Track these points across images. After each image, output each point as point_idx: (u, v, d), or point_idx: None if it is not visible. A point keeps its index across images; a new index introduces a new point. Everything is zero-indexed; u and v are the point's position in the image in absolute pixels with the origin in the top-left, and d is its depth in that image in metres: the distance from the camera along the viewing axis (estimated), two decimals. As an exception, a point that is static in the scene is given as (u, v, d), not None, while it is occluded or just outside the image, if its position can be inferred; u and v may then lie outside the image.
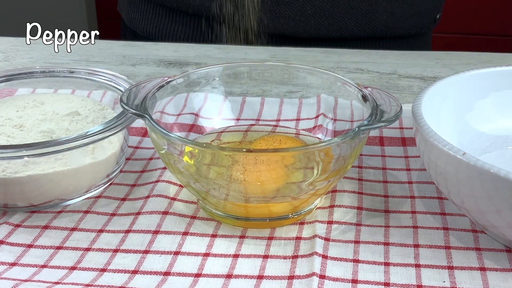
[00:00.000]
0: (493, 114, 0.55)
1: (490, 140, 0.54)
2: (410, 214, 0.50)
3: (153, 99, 0.50)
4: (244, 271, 0.44)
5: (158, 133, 0.46)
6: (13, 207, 0.50)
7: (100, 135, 0.49)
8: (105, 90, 0.60)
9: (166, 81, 0.52)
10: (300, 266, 0.44)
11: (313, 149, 0.45)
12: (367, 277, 0.43)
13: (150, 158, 0.57)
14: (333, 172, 0.46)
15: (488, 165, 0.41)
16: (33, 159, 0.48)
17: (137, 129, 0.61)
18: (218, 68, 0.56)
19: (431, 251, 0.46)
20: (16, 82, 0.59)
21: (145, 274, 0.44)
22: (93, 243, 0.47)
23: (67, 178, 0.49)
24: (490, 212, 0.43)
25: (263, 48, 0.79)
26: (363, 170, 0.55)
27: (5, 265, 0.45)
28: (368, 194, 0.52)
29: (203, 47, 0.82)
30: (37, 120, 0.53)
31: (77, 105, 0.56)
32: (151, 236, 0.47)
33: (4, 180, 0.48)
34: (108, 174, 0.53)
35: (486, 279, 0.43)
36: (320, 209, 0.50)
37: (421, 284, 0.43)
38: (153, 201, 0.51)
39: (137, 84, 0.51)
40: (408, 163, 0.56)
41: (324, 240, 0.47)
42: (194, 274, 0.44)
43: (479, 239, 0.47)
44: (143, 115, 0.47)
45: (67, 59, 0.79)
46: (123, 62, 0.78)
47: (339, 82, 0.53)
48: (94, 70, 0.59)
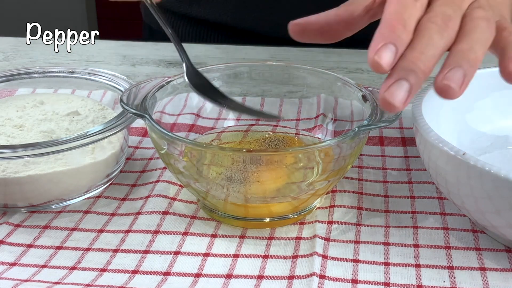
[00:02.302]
0: (493, 114, 0.55)
1: (490, 140, 0.54)
2: (410, 214, 0.50)
3: (153, 99, 0.50)
4: (244, 271, 0.44)
5: (158, 133, 0.46)
6: (13, 207, 0.50)
7: (100, 135, 0.49)
8: (105, 90, 0.60)
9: (166, 81, 0.52)
10: (300, 266, 0.44)
11: (313, 149, 0.45)
12: (367, 277, 0.43)
13: (150, 158, 0.57)
14: (333, 172, 0.46)
15: (488, 165, 0.41)
16: (33, 159, 0.48)
17: (137, 129, 0.61)
18: (218, 68, 0.56)
19: (431, 251, 0.46)
20: (16, 82, 0.59)
21: (145, 274, 0.44)
22: (93, 243, 0.47)
23: (67, 178, 0.49)
24: (490, 212, 0.43)
25: (263, 48, 0.79)
26: (363, 170, 0.55)
27: (5, 265, 0.45)
28: (368, 194, 0.52)
29: (203, 47, 0.82)
30: (37, 120, 0.53)
31: (77, 105, 0.56)
32: (151, 236, 0.47)
33: (4, 180, 0.48)
34: (108, 174, 0.53)
35: (486, 279, 0.43)
36: (320, 209, 0.50)
37: (421, 284, 0.43)
38: (153, 201, 0.51)
39: (137, 84, 0.51)
40: (408, 163, 0.56)
41: (324, 240, 0.47)
42: (194, 274, 0.44)
43: (479, 239, 0.47)
44: (143, 115, 0.47)
45: (67, 59, 0.79)
46: (123, 62, 0.78)
47: (339, 82, 0.53)
48: (94, 70, 0.59)
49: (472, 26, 0.42)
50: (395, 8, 0.42)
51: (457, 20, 0.43)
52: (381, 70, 0.40)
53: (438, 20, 0.42)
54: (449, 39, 0.42)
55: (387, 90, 0.39)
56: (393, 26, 0.41)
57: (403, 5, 0.42)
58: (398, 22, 0.41)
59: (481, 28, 0.42)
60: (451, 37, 0.42)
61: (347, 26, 0.51)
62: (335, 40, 0.52)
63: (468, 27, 0.43)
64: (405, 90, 0.39)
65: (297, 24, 0.51)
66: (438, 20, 0.42)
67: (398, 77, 0.39)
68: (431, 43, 0.41)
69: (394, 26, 0.41)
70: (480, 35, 0.42)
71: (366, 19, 0.51)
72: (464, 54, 0.41)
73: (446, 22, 0.42)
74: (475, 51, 0.41)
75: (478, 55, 0.41)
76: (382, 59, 0.39)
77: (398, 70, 0.40)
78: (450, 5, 0.43)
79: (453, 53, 0.42)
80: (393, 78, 0.40)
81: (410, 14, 0.42)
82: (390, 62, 0.40)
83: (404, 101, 0.39)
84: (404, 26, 0.41)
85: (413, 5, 0.43)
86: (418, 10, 0.43)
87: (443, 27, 0.42)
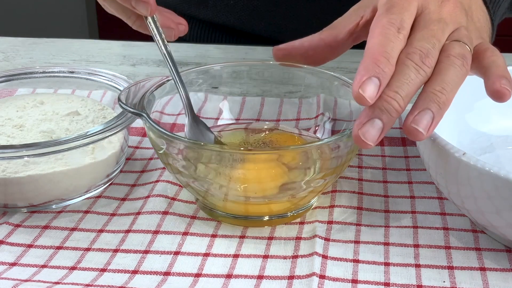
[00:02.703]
0: (493, 114, 0.55)
1: (490, 140, 0.54)
2: (410, 214, 0.50)
3: (152, 98, 0.50)
4: (244, 271, 0.44)
5: (156, 132, 0.46)
6: (13, 207, 0.50)
7: (100, 135, 0.49)
8: (105, 90, 0.60)
9: (165, 80, 0.52)
10: (300, 266, 0.44)
11: (310, 147, 0.45)
12: (367, 277, 0.43)
13: (150, 158, 0.57)
14: (330, 170, 0.46)
15: (488, 165, 0.41)
16: (33, 159, 0.48)
17: (137, 129, 0.61)
18: (218, 68, 0.56)
19: (431, 251, 0.46)
20: (16, 82, 0.59)
21: (145, 274, 0.44)
22: (93, 243, 0.47)
23: (67, 178, 0.49)
24: (490, 212, 0.43)
25: (263, 48, 0.79)
26: (363, 170, 0.55)
27: (5, 265, 0.45)
28: (368, 194, 0.52)
29: (203, 47, 0.82)
30: (37, 120, 0.53)
31: (77, 105, 0.56)
32: (151, 236, 0.47)
33: (4, 180, 0.48)
34: (108, 174, 0.53)
35: (486, 279, 0.43)
36: (320, 209, 0.50)
37: (421, 284, 0.43)
38: (153, 201, 0.51)
39: (135, 83, 0.51)
40: (408, 163, 0.56)
41: (324, 240, 0.47)
42: (194, 274, 0.44)
43: (479, 239, 0.47)
44: (141, 113, 0.47)
45: (67, 59, 0.79)
46: (123, 62, 0.78)
47: (338, 82, 0.53)
48: (94, 70, 0.59)
49: (447, 64, 0.44)
50: (378, 40, 0.43)
51: (435, 55, 0.44)
52: (365, 103, 0.41)
53: (416, 57, 0.43)
54: (426, 76, 0.43)
55: (360, 128, 0.41)
56: (377, 60, 0.42)
57: (386, 37, 0.43)
58: (381, 55, 0.42)
59: (455, 68, 0.44)
60: (428, 74, 0.43)
61: (331, 50, 0.52)
62: (319, 64, 0.54)
63: (443, 65, 0.44)
64: (378, 129, 0.41)
65: (281, 49, 0.53)
66: (415, 57, 0.43)
67: (372, 116, 0.41)
68: (406, 82, 0.42)
69: (378, 59, 0.42)
70: (453, 76, 0.43)
71: (349, 42, 0.53)
72: (434, 96, 0.42)
73: (423, 59, 0.43)
74: (446, 92, 0.43)
75: (449, 97, 0.43)
76: (366, 92, 0.41)
77: (373, 109, 0.42)
78: (429, 39, 0.44)
79: (424, 94, 0.43)
80: (366, 117, 0.41)
81: (393, 46, 0.43)
82: (374, 95, 0.41)
83: (375, 140, 0.41)
84: (388, 59, 0.42)
85: (396, 37, 0.44)
86: (401, 41, 0.44)
87: (420, 64, 0.43)
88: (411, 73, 0.42)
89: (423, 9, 0.46)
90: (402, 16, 0.45)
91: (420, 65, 0.43)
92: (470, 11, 0.50)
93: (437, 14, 0.46)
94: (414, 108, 0.42)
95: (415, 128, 0.42)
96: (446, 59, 0.44)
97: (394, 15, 0.44)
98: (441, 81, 0.43)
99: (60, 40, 0.84)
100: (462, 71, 0.44)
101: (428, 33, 0.44)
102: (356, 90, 0.41)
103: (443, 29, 0.45)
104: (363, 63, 0.42)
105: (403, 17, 0.45)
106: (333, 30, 0.52)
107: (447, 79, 0.43)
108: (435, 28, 0.45)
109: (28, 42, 0.84)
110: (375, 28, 0.44)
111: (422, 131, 0.42)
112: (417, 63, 0.43)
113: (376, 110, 0.41)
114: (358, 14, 0.52)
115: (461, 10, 0.48)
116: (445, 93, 0.42)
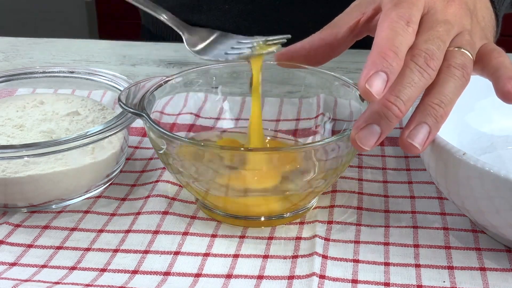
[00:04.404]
0: (493, 114, 0.55)
1: (490, 140, 0.54)
2: (410, 214, 0.50)
3: (152, 98, 0.50)
4: (244, 271, 0.44)
5: (156, 132, 0.46)
6: (13, 207, 0.50)
7: (100, 135, 0.49)
8: (105, 90, 0.60)
9: (165, 80, 0.52)
10: (300, 266, 0.44)
11: (311, 148, 0.45)
12: (367, 277, 0.43)
13: (150, 158, 0.57)
14: (330, 170, 0.46)
15: (488, 165, 0.41)
16: (33, 159, 0.48)
17: (137, 129, 0.61)
18: (218, 68, 0.56)
19: (431, 251, 0.46)
20: (16, 82, 0.59)
21: (145, 274, 0.44)
22: (93, 243, 0.47)
23: (67, 178, 0.49)
24: (490, 212, 0.43)
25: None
26: (363, 170, 0.55)
27: (5, 265, 0.45)
28: (368, 194, 0.52)
29: (203, 47, 0.82)
30: (37, 120, 0.53)
31: (77, 105, 0.56)
32: (151, 236, 0.47)
33: (4, 180, 0.48)
34: (108, 174, 0.53)
35: (486, 279, 0.43)
36: (320, 209, 0.50)
37: (421, 284, 0.43)
38: (153, 201, 0.51)
39: (135, 83, 0.51)
40: (408, 163, 0.56)
41: (324, 240, 0.47)
42: (194, 274, 0.44)
43: (479, 239, 0.47)
44: (141, 113, 0.47)
45: (67, 59, 0.79)
46: (123, 62, 0.78)
47: (338, 82, 0.53)
48: (94, 70, 0.59)
49: (447, 75, 0.43)
50: (386, 34, 0.43)
51: (440, 58, 0.44)
52: (372, 98, 0.41)
53: (420, 60, 0.43)
54: (430, 79, 0.43)
55: (357, 133, 0.41)
56: (385, 54, 0.41)
57: (395, 31, 0.43)
58: (389, 49, 0.42)
59: (455, 79, 0.43)
60: (432, 77, 0.43)
61: (333, 49, 0.52)
62: (321, 64, 0.53)
63: (442, 75, 0.44)
64: (375, 135, 0.41)
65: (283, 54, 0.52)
66: (420, 60, 0.43)
67: (370, 121, 0.41)
68: (409, 85, 0.42)
69: (386, 53, 0.41)
70: (452, 88, 0.43)
71: (350, 39, 0.52)
72: (432, 109, 0.42)
73: (428, 61, 0.43)
74: (444, 106, 0.43)
75: (446, 110, 0.43)
76: (373, 87, 0.40)
77: (372, 114, 0.41)
78: (435, 40, 0.44)
79: (422, 107, 0.43)
80: (365, 121, 0.41)
81: (402, 41, 0.43)
82: (381, 90, 0.40)
83: (372, 145, 0.41)
84: (396, 53, 0.42)
85: (405, 30, 0.43)
86: (410, 35, 0.44)
87: (424, 67, 0.43)
88: (415, 76, 0.42)
89: (430, 8, 0.46)
90: (411, 10, 0.44)
91: (425, 67, 0.43)
92: (475, 10, 0.50)
93: (443, 15, 0.46)
94: (411, 121, 0.42)
95: (410, 143, 0.42)
96: (446, 69, 0.44)
97: (403, 9, 0.44)
98: (439, 93, 0.43)
99: (60, 40, 0.84)
100: (461, 81, 0.44)
101: (434, 35, 0.44)
102: (362, 84, 0.40)
103: (449, 30, 0.45)
104: (371, 57, 0.41)
105: (412, 12, 0.44)
106: (333, 29, 0.52)
107: (446, 92, 0.43)
108: (440, 30, 0.45)
109: (28, 42, 0.84)
110: (383, 22, 0.44)
111: (417, 146, 0.42)
112: (421, 66, 0.42)
113: (375, 115, 0.41)
114: (360, 11, 0.51)
115: (466, 11, 0.48)
116: (443, 106, 0.42)
